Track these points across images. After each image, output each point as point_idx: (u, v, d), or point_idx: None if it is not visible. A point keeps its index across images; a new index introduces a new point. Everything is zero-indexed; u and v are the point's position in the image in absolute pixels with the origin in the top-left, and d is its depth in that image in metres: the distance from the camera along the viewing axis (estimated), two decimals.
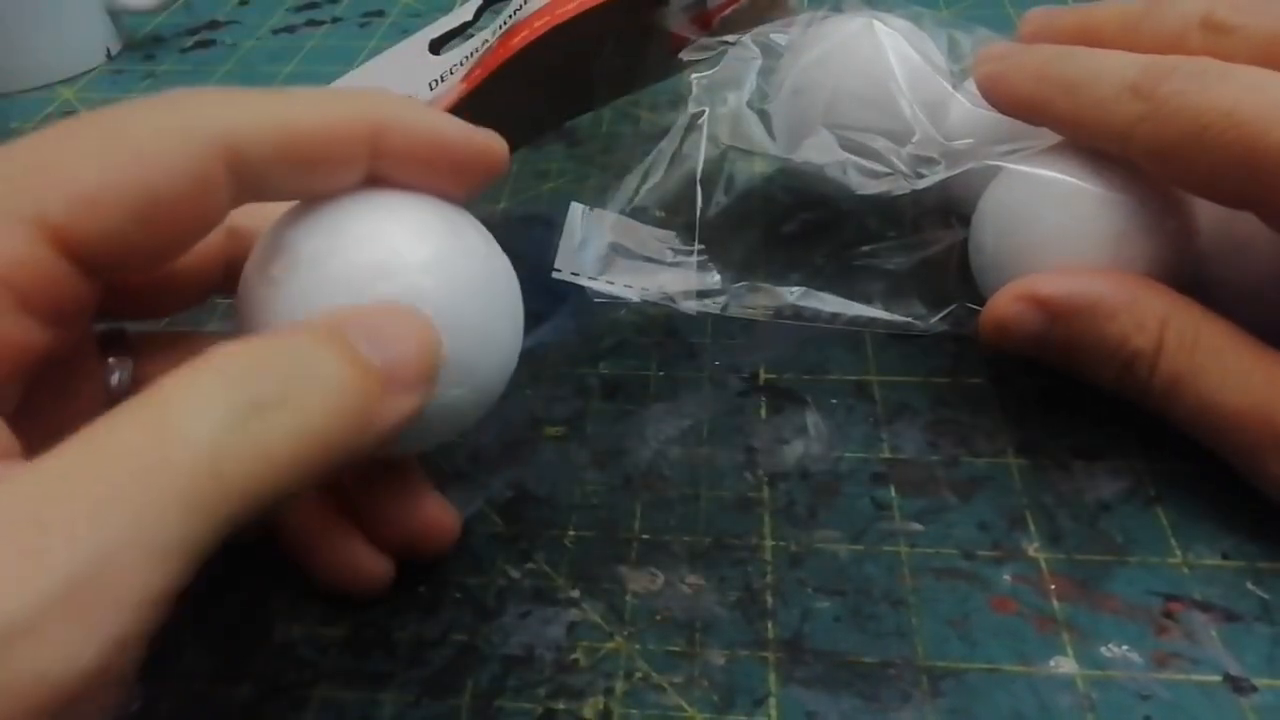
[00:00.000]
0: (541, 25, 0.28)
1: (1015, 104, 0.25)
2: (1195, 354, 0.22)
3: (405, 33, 0.48)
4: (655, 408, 0.27)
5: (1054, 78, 0.24)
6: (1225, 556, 0.22)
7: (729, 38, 0.29)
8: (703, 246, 0.27)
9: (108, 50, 0.47)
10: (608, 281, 0.26)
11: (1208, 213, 0.25)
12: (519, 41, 0.28)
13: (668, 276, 0.27)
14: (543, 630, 0.22)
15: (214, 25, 0.51)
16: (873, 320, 0.27)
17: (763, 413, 0.27)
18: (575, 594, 0.22)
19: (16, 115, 0.43)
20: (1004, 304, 0.24)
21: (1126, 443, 0.25)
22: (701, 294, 0.27)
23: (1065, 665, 0.20)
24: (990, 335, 0.24)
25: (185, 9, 0.52)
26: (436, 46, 0.33)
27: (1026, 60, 0.24)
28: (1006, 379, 0.27)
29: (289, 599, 0.23)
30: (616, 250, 0.27)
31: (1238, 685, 0.20)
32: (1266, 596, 0.21)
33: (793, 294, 0.27)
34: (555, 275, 0.26)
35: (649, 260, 0.27)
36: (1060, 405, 0.26)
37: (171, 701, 0.21)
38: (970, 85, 0.27)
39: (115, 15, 0.48)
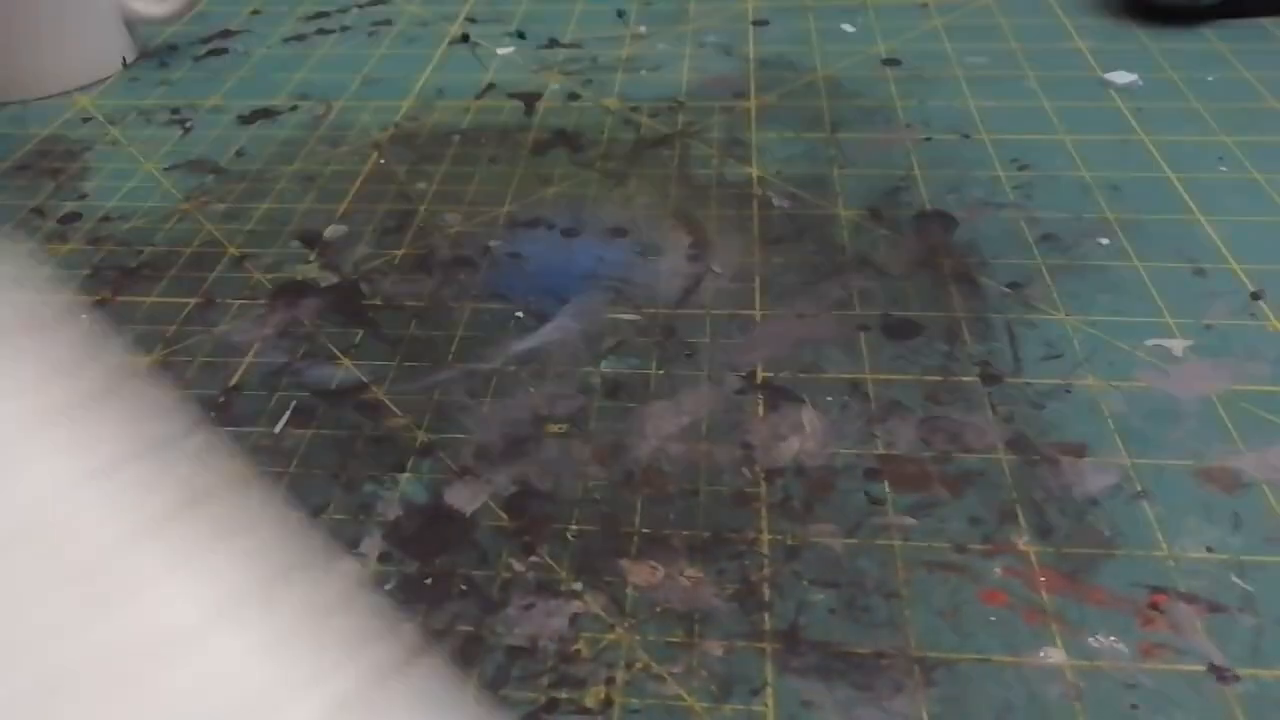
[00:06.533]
0: None
1: None
2: None
3: (412, 41, 0.49)
4: (655, 405, 0.27)
5: None
6: (1209, 550, 0.22)
7: None
8: None
9: (124, 59, 0.48)
10: None
11: None
12: None
13: None
14: (546, 621, 0.22)
15: (226, 34, 0.51)
16: None
17: (760, 410, 0.27)
18: (578, 586, 0.23)
19: (34, 121, 0.44)
20: None
21: (1113, 440, 0.25)
22: None
23: (1054, 655, 0.21)
24: None
25: (198, 18, 0.53)
26: None
27: None
28: (996, 378, 0.27)
29: None
30: None
31: (1222, 675, 0.20)
32: (1249, 588, 0.22)
33: None
34: None
35: None
36: (1049, 404, 0.26)
37: None
38: None
39: (131, 25, 0.49)
